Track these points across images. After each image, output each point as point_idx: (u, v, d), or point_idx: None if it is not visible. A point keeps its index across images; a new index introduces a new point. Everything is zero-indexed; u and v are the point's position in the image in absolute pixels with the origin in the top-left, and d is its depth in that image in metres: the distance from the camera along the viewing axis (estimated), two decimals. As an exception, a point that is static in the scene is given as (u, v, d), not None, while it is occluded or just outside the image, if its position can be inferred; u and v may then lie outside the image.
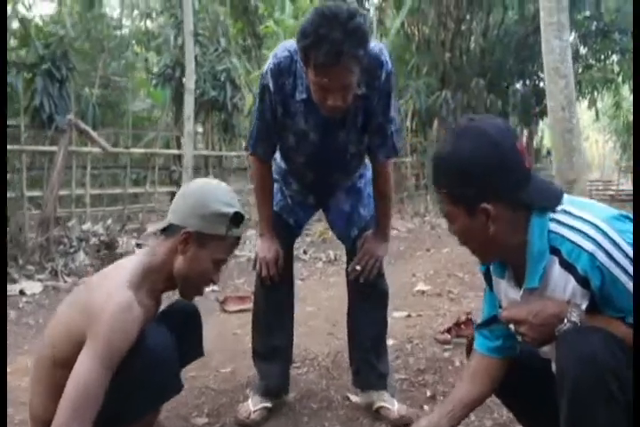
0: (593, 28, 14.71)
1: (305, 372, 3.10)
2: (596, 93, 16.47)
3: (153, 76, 8.91)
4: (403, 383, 2.89)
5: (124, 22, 12.25)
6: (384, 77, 2.19)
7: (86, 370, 1.62)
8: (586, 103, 16.65)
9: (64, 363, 1.70)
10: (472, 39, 14.90)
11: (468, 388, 1.79)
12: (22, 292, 4.67)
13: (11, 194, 6.37)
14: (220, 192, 1.87)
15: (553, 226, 1.47)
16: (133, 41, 10.63)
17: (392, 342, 3.49)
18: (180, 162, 7.29)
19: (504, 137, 1.47)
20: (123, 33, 10.81)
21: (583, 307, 1.42)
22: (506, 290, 1.65)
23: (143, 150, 8.23)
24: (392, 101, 2.27)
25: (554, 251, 1.46)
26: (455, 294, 4.85)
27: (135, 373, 1.66)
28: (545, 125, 15.94)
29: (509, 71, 14.90)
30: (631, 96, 14.58)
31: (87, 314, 1.67)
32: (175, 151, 8.10)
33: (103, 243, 6.00)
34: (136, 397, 1.69)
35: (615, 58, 15.44)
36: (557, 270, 1.47)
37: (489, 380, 1.77)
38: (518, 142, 1.50)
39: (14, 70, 6.35)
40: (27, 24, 6.53)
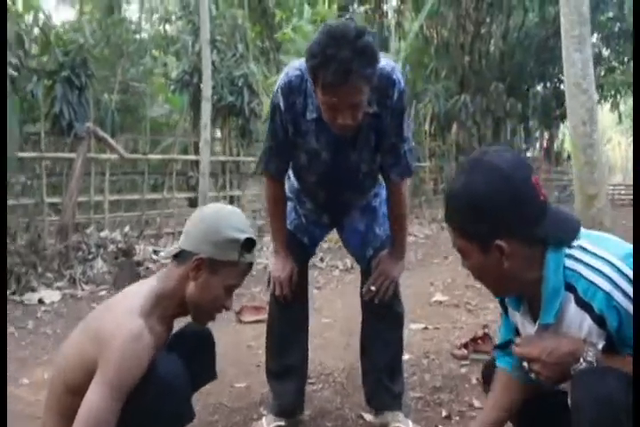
0: (616, 30, 14.56)
1: (320, 388, 3.09)
2: (619, 96, 16.27)
3: (171, 81, 8.94)
4: (418, 402, 2.86)
5: (144, 26, 12.33)
6: (396, 96, 2.17)
7: (97, 399, 1.61)
8: (608, 106, 16.47)
9: (76, 390, 1.69)
10: (492, 42, 14.82)
11: (491, 414, 1.75)
12: (41, 300, 4.70)
13: (30, 200, 6.44)
14: (232, 218, 1.86)
15: (569, 262, 1.44)
16: (152, 45, 10.68)
17: (408, 357, 3.46)
18: (198, 168, 7.30)
19: (517, 171, 1.44)
20: (142, 37, 10.86)
21: (600, 346, 1.39)
22: (522, 321, 1.62)
23: (161, 156, 8.26)
24: (405, 121, 2.24)
25: (569, 288, 1.43)
26: (473, 306, 4.81)
27: (147, 402, 1.65)
28: (566, 129, 15.81)
29: (530, 74, 14.81)
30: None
31: (98, 341, 1.67)
32: (193, 157, 8.12)
33: (121, 250, 6.02)
34: (148, 426, 1.68)
35: (638, 60, 15.22)
36: (573, 308, 1.44)
37: (510, 403, 1.73)
38: (533, 175, 1.47)
39: (35, 78, 6.42)
40: (47, 32, 6.59)
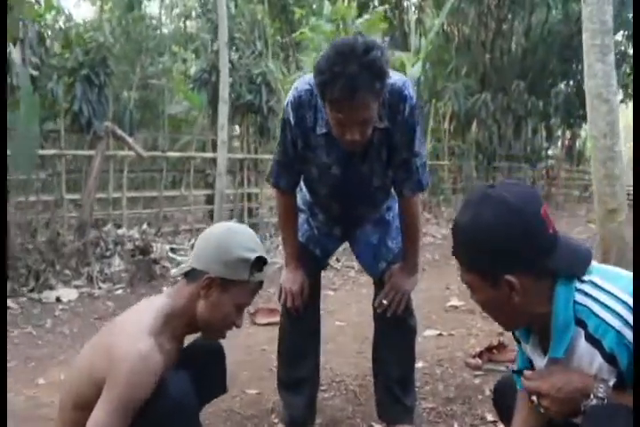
0: (641, 28, 14.35)
1: (331, 396, 3.09)
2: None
3: (189, 80, 8.96)
4: (430, 413, 2.85)
5: (164, 21, 12.35)
6: (407, 112, 2.15)
7: (104, 416, 1.63)
8: (631, 105, 16.28)
9: (84, 406, 1.71)
10: (513, 39, 14.72)
11: None
12: (59, 299, 4.75)
13: (50, 197, 6.49)
14: (243, 237, 1.86)
15: (579, 297, 1.42)
16: (172, 42, 10.70)
17: (422, 365, 3.46)
18: (216, 165, 7.31)
19: (526, 204, 1.43)
20: (162, 33, 10.89)
21: (611, 383, 1.37)
22: (532, 353, 1.61)
23: (179, 154, 8.28)
24: (417, 135, 2.23)
25: (580, 323, 1.41)
26: (488, 311, 4.78)
27: (156, 420, 1.66)
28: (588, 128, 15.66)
29: (552, 72, 14.66)
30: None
31: (108, 359, 1.68)
32: (210, 155, 8.13)
33: (138, 248, 6.05)
34: (157, 443, 1.69)
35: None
36: (583, 343, 1.42)
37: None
38: (542, 207, 1.45)
39: (55, 76, 6.47)
40: (67, 31, 6.63)
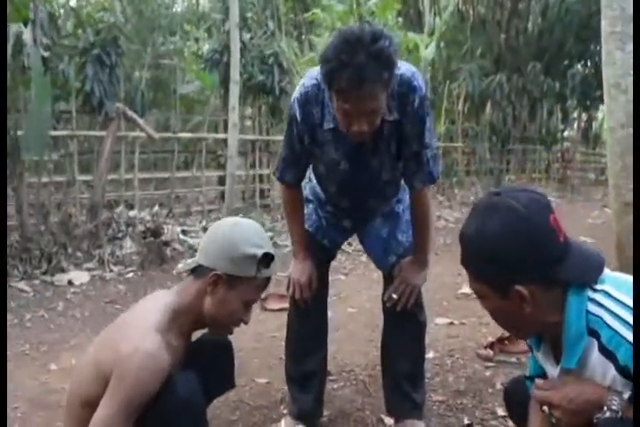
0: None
1: (341, 387, 3.08)
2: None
3: (201, 60, 8.90)
4: (440, 407, 2.84)
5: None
6: (417, 103, 2.11)
7: (108, 413, 1.63)
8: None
9: (92, 403, 1.70)
10: (530, 19, 14.47)
11: None
12: (70, 282, 4.76)
13: (62, 178, 6.49)
14: (250, 233, 1.84)
15: (591, 307, 1.39)
16: (184, 20, 10.60)
17: (433, 356, 3.45)
18: (227, 146, 7.28)
19: (535, 212, 1.39)
20: (174, 12, 10.78)
21: (625, 396, 1.34)
22: (544, 361, 1.58)
23: (191, 135, 8.24)
24: (427, 127, 2.18)
25: (592, 333, 1.38)
26: (500, 299, 4.76)
27: (163, 419, 1.66)
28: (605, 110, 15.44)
29: (569, 52, 14.43)
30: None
31: (115, 357, 1.67)
32: (222, 136, 8.08)
33: (149, 230, 6.05)
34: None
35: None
36: (596, 354, 1.39)
37: None
38: (552, 214, 1.41)
39: (66, 57, 6.42)
40: (78, 11, 6.57)
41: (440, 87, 11.53)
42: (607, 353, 1.36)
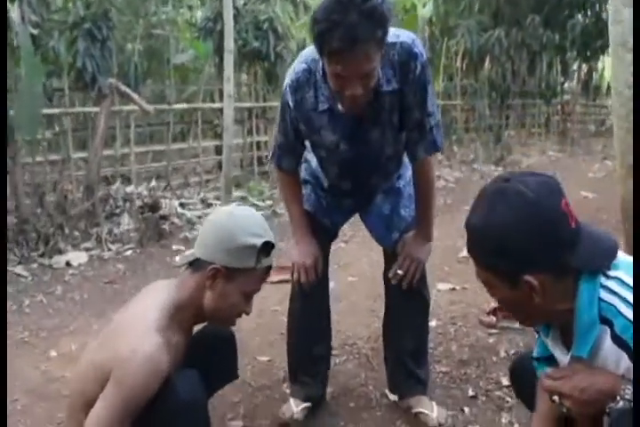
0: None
1: (343, 361, 3.06)
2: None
3: (195, 29, 8.73)
4: (444, 378, 2.82)
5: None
6: (419, 70, 2.03)
7: (102, 416, 1.59)
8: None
9: (93, 404, 1.66)
10: (528, -30, 14.07)
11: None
12: (68, 263, 4.71)
13: (57, 156, 6.42)
14: (247, 222, 1.77)
15: (604, 294, 1.32)
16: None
17: (435, 324, 3.42)
18: (223, 117, 7.17)
19: (544, 197, 1.31)
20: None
21: None
22: (553, 346, 1.52)
23: (186, 106, 8.12)
24: (429, 94, 2.10)
25: (605, 321, 1.32)
26: (502, 262, 4.72)
27: (164, 418, 1.63)
28: (606, 61, 15.15)
29: (569, 3, 14.07)
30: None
31: (114, 358, 1.62)
32: (218, 105, 7.96)
33: (147, 205, 6.00)
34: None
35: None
36: (609, 343, 1.33)
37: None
38: (563, 199, 1.33)
39: (56, 33, 6.29)
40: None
41: (438, 44, 11.33)
42: (621, 342, 1.30)
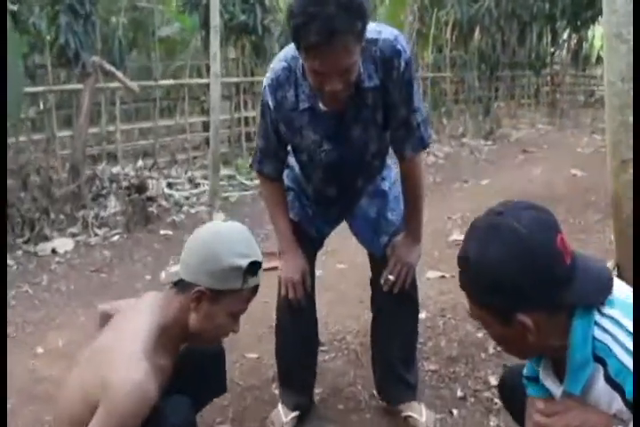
0: None
1: (332, 358, 3.06)
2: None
3: (180, 2, 8.55)
4: (432, 377, 2.82)
5: None
6: (403, 66, 1.97)
7: None
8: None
9: (80, 424, 1.64)
10: (518, -63, 13.81)
11: None
12: (54, 251, 4.66)
13: (41, 135, 6.32)
14: (233, 241, 1.71)
15: (598, 333, 1.30)
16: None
17: (425, 316, 3.42)
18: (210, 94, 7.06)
19: (538, 233, 1.28)
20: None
21: (630, 425, 1.27)
22: (543, 375, 1.51)
23: (172, 82, 8.00)
24: (414, 90, 2.06)
25: (599, 360, 1.30)
26: (491, 248, 4.70)
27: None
28: (596, 31, 14.99)
29: (559, -29, 13.87)
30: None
31: (103, 386, 1.58)
32: (205, 81, 7.83)
33: (133, 186, 5.93)
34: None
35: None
36: (602, 382, 1.31)
37: None
38: (558, 234, 1.30)
39: (37, 9, 6.13)
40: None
41: (428, 15, 11.16)
42: (614, 384, 1.28)
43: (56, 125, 6.39)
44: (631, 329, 1.28)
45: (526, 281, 1.27)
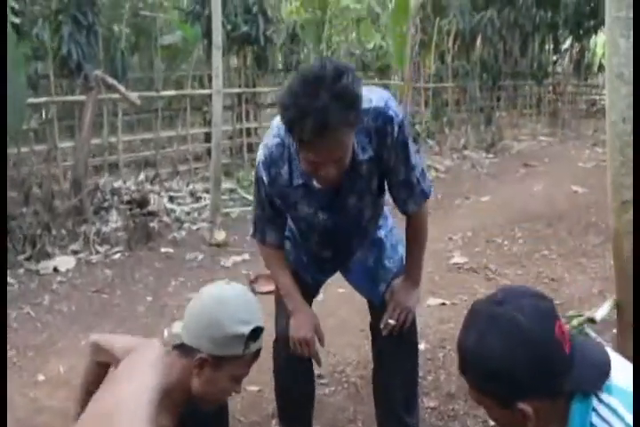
0: None
1: (332, 392, 3.06)
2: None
3: (182, 13, 8.55)
4: (432, 414, 2.83)
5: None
6: (397, 131, 1.96)
7: None
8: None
9: None
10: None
11: None
12: (56, 269, 4.67)
13: (43, 146, 6.31)
14: (235, 308, 1.72)
15: (595, 420, 1.30)
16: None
17: (424, 347, 3.42)
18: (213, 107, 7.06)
19: (538, 323, 1.29)
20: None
21: None
22: None
23: (174, 92, 8.00)
24: (410, 149, 2.05)
25: None
26: (492, 272, 4.72)
27: None
28: (598, 39, 15.01)
29: (562, -19, 13.87)
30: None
31: None
32: (207, 91, 7.82)
33: (135, 200, 5.94)
34: None
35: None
36: None
37: None
38: (557, 322, 1.32)
39: (40, 20, 6.13)
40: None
41: (430, 25, 11.16)
42: None
43: (58, 136, 6.39)
44: (629, 421, 1.29)
45: (526, 373, 1.28)
